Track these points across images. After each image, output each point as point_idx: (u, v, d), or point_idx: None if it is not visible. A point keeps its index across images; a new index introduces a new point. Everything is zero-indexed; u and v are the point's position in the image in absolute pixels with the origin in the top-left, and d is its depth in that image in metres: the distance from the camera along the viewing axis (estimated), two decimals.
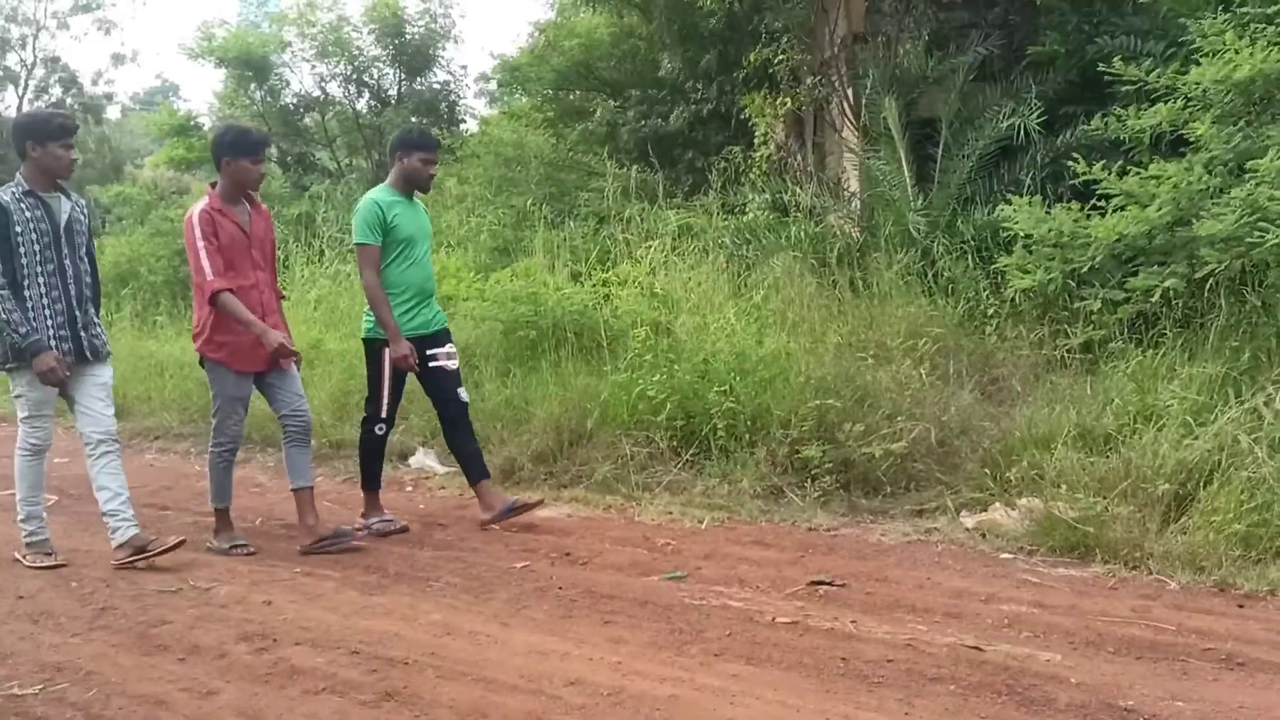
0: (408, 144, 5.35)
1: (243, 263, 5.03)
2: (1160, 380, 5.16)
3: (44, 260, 4.68)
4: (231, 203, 5.04)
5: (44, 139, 4.70)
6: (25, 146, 4.71)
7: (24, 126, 4.83)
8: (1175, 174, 5.32)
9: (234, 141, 5.06)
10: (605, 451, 6.21)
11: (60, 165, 4.76)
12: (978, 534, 4.78)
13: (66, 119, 4.90)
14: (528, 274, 8.29)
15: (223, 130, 5.40)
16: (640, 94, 13.07)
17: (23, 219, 4.63)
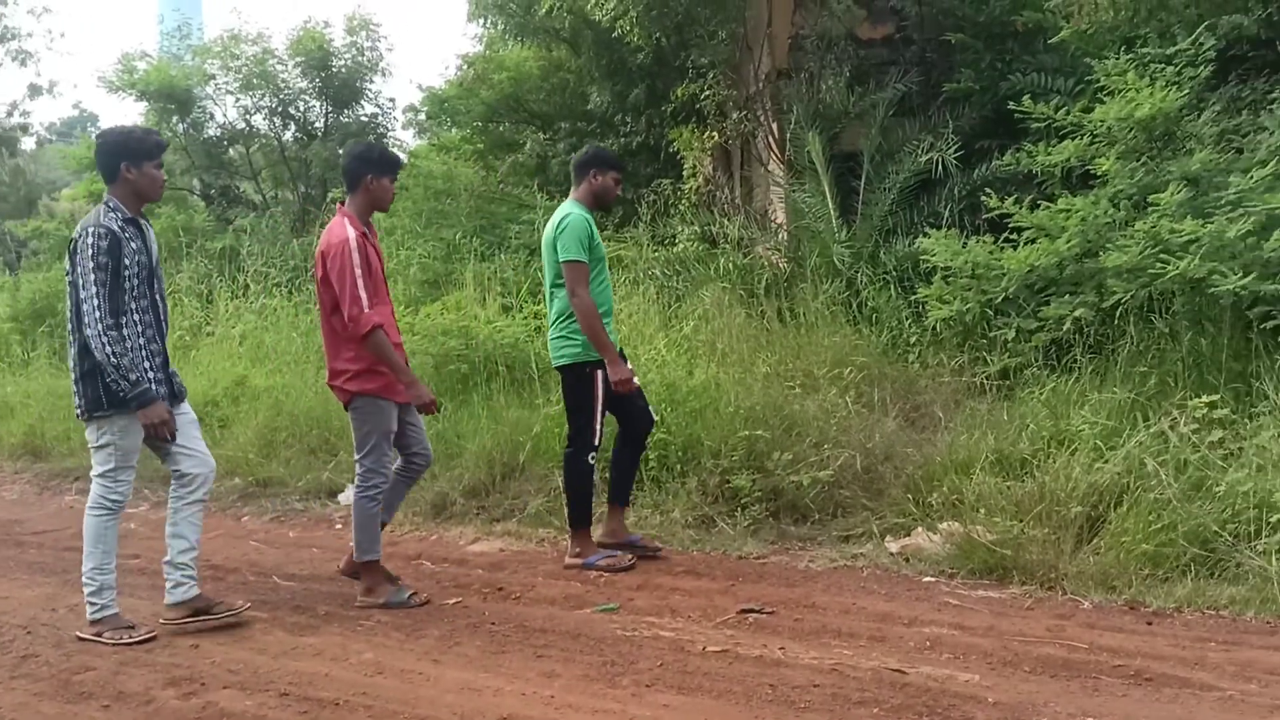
0: (603, 161, 5.09)
1: (381, 291, 4.63)
2: (1073, 406, 5.36)
3: (139, 295, 4.22)
4: (365, 225, 4.63)
5: (140, 158, 4.25)
6: (119, 167, 4.23)
7: (119, 145, 4.30)
8: (1083, 207, 5.55)
9: (380, 159, 4.67)
10: (537, 484, 6.24)
11: (155, 188, 4.34)
12: (901, 558, 4.90)
13: (160, 136, 4.47)
14: (458, 307, 8.30)
15: (365, 147, 4.85)
16: (570, 126, 13.21)
17: (129, 250, 4.17)
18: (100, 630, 4.27)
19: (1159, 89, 5.63)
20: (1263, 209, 4.96)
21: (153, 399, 4.18)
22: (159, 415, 4.19)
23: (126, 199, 4.27)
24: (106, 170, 4.28)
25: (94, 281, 4.07)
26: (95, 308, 4.07)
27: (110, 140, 4.36)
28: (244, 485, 7.37)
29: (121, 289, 4.15)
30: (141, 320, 4.24)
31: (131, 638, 4.23)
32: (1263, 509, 4.20)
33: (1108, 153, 5.92)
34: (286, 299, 10.26)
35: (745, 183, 11.00)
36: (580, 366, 5.02)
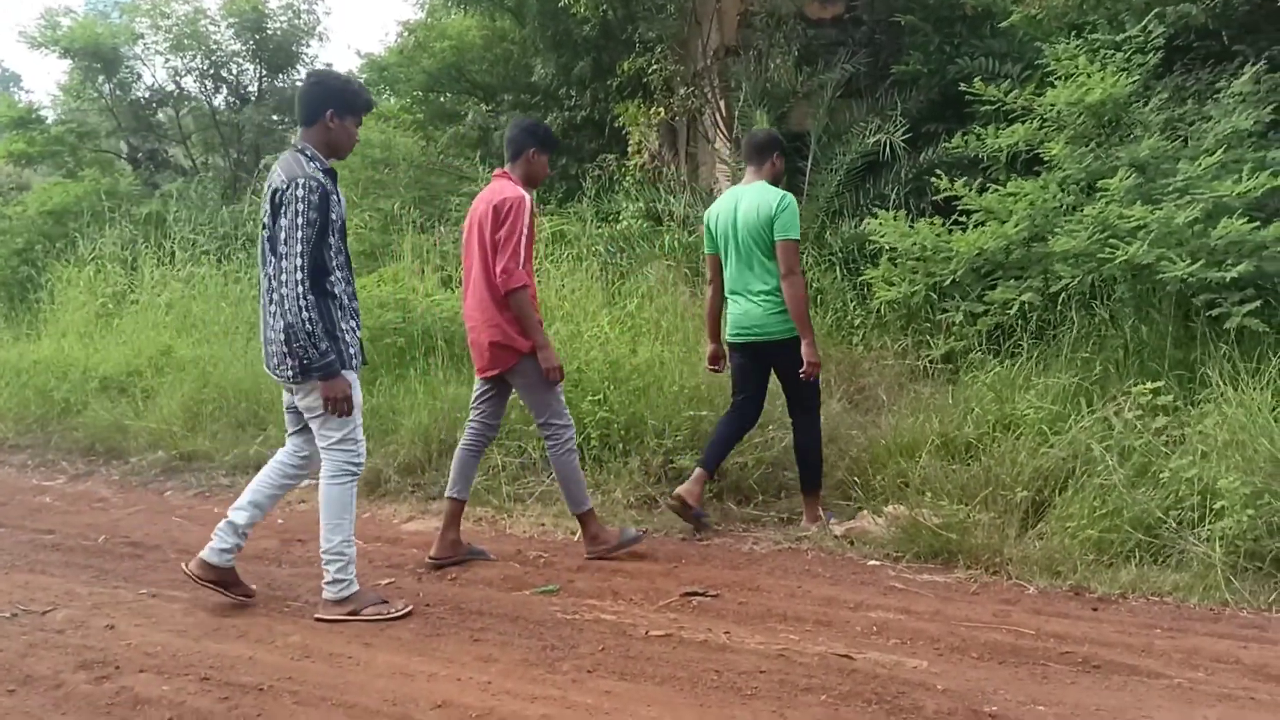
0: (780, 145, 5.18)
1: (530, 263, 4.61)
2: (1018, 390, 5.34)
3: (338, 251, 3.95)
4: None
5: (346, 111, 3.99)
6: (324, 113, 3.94)
7: (333, 91, 3.99)
8: (1032, 191, 5.52)
9: (546, 136, 4.78)
10: None
11: (348, 145, 4.06)
12: (846, 541, 4.84)
13: (371, 98, 4.23)
14: (395, 279, 8.06)
15: (533, 123, 4.91)
16: (513, 98, 12.94)
17: (333, 202, 3.88)
18: (355, 608, 4.02)
19: (1110, 74, 5.61)
20: (1210, 197, 4.96)
21: (336, 373, 3.89)
22: (342, 390, 3.91)
23: (320, 148, 3.98)
24: (309, 112, 3.96)
25: (300, 239, 3.75)
26: (297, 268, 3.75)
27: (325, 83, 4.08)
28: (168, 459, 7.09)
29: (327, 245, 3.88)
30: (343, 278, 3.99)
31: (391, 613, 4.03)
32: (1206, 495, 4.20)
33: (1057, 137, 5.90)
34: (215, 267, 9.91)
35: (691, 160, 10.87)
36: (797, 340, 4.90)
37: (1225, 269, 4.74)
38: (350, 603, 4.05)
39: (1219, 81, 6.44)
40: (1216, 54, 6.76)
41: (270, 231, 3.84)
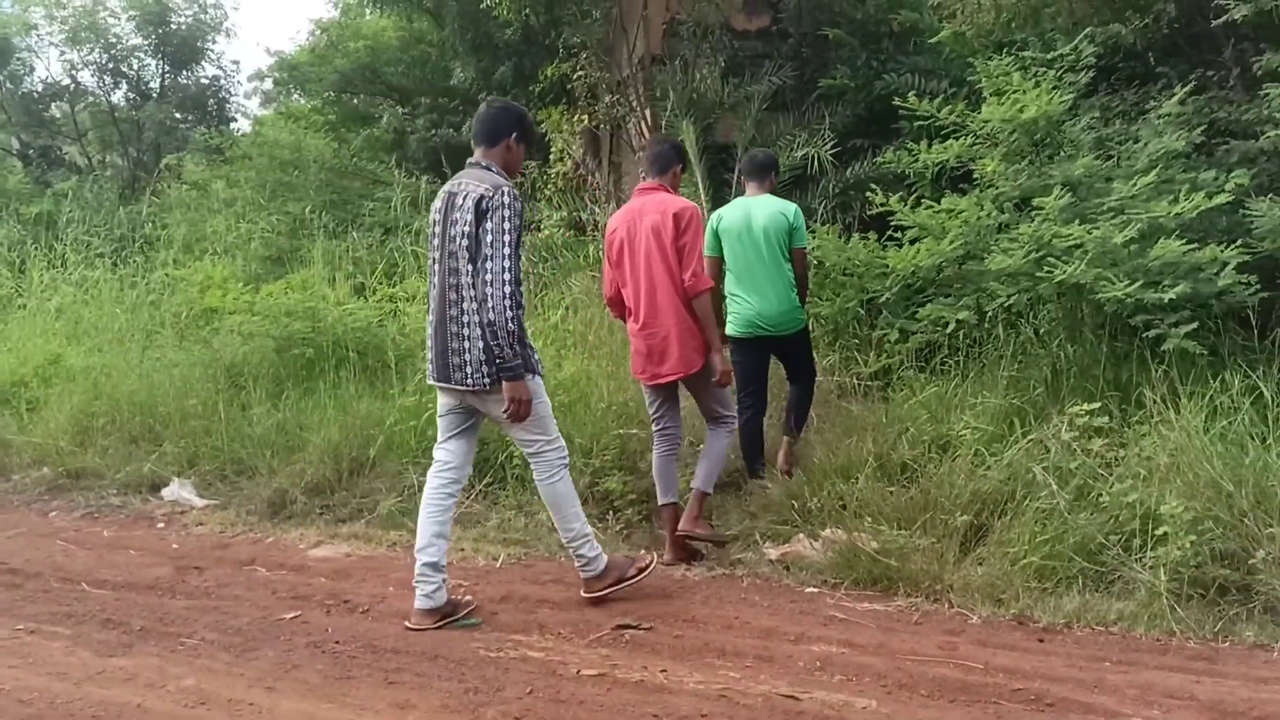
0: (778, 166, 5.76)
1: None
2: (952, 410, 5.22)
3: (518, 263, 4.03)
4: None
5: (525, 137, 4.21)
6: (509, 136, 4.14)
7: (518, 118, 4.22)
8: (967, 209, 5.42)
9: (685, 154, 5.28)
10: (389, 482, 5.74)
11: (518, 167, 4.38)
12: (782, 566, 4.65)
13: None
14: (304, 286, 7.67)
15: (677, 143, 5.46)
16: (431, 102, 12.60)
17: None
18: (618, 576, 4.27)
19: (1045, 91, 5.56)
20: (1146, 217, 4.92)
21: (522, 376, 3.99)
22: (526, 393, 4.01)
23: (501, 166, 4.12)
24: (493, 133, 4.12)
25: (508, 244, 3.87)
26: (504, 269, 3.86)
27: (511, 110, 4.28)
28: (53, 476, 6.59)
29: (516, 257, 3.97)
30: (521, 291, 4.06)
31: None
32: (1148, 520, 4.11)
33: (990, 154, 5.83)
34: (110, 271, 9.35)
35: (615, 169, 10.65)
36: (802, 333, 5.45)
37: (1162, 290, 4.68)
38: (610, 573, 4.25)
39: (1144, 103, 6.48)
40: (1141, 75, 6.81)
41: (468, 239, 3.89)
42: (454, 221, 3.93)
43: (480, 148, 4.13)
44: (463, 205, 3.92)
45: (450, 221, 3.95)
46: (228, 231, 10.06)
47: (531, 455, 4.18)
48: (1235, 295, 4.77)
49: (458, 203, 3.96)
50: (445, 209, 4.00)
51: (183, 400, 6.86)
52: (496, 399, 3.99)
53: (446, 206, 4.00)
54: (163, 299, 8.70)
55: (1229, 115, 6.02)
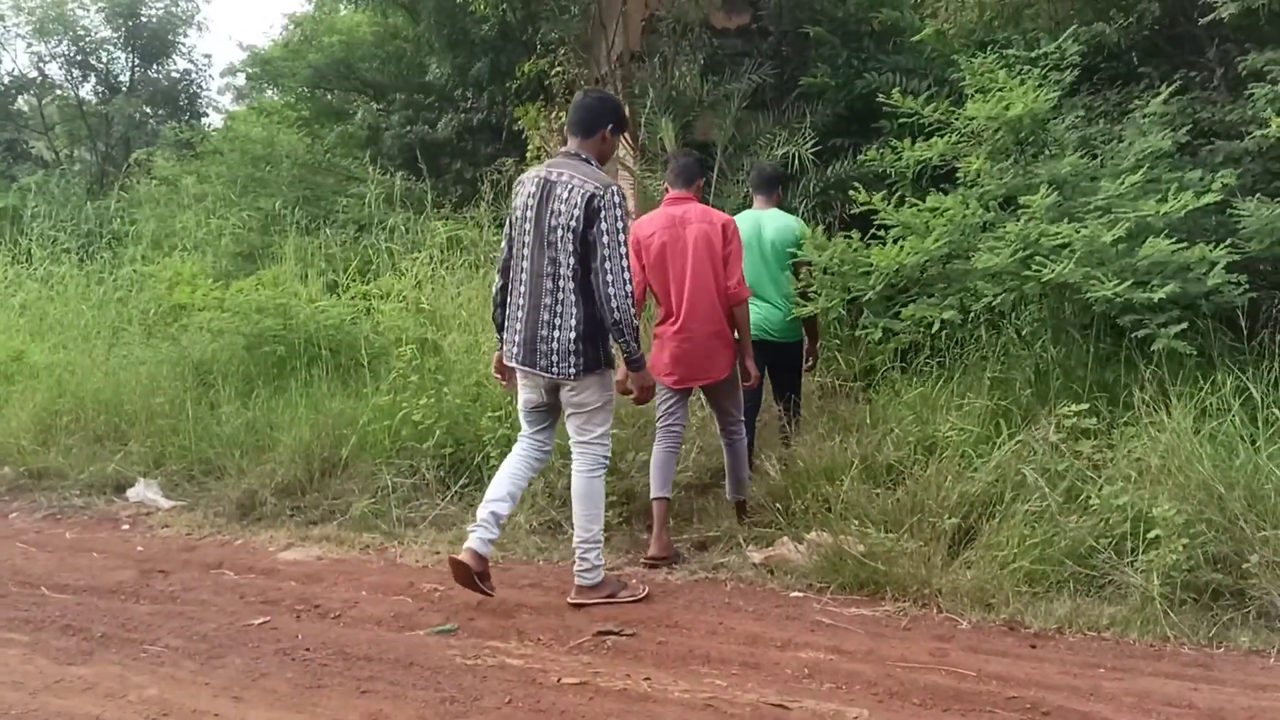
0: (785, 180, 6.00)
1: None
2: (938, 411, 5.14)
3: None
4: None
5: (620, 128, 4.30)
6: (605, 127, 4.20)
7: (613, 109, 4.31)
8: (953, 207, 5.34)
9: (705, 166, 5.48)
10: (362, 483, 5.60)
11: (610, 158, 4.45)
12: (766, 570, 4.55)
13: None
14: (276, 283, 7.49)
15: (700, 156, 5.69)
16: (406, 98, 12.41)
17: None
18: (612, 592, 4.19)
19: (1030, 89, 5.49)
20: (1134, 216, 4.85)
21: (644, 365, 4.25)
22: (651, 380, 4.33)
23: (595, 158, 4.18)
24: (591, 124, 4.15)
25: (621, 243, 3.98)
26: (623, 268, 3.97)
27: (607, 101, 4.35)
28: (14, 476, 6.40)
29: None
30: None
31: (636, 595, 4.23)
32: (1139, 523, 4.04)
33: (975, 152, 5.76)
34: (76, 267, 9.13)
35: None
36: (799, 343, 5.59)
37: (1151, 290, 4.62)
38: (604, 587, 4.18)
39: (1127, 103, 6.45)
40: (1123, 75, 6.77)
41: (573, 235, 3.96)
42: (555, 212, 3.98)
43: (576, 138, 4.15)
44: (567, 198, 3.97)
45: (550, 211, 3.99)
46: (198, 227, 9.84)
47: (582, 445, 4.20)
48: (1224, 295, 4.71)
49: (558, 193, 3.99)
50: (541, 195, 4.02)
51: (149, 398, 6.68)
52: (575, 387, 4.10)
53: (542, 193, 4.02)
54: (130, 295, 8.50)
55: (1213, 115, 5.99)
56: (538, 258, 4.03)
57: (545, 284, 4.01)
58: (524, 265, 4.07)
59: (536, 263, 4.03)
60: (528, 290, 4.07)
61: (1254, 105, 5.55)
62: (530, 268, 4.05)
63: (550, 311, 4.02)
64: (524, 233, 4.07)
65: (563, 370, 4.05)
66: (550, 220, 3.99)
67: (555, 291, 4.01)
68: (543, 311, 4.03)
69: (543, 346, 4.04)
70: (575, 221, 3.94)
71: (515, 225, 4.14)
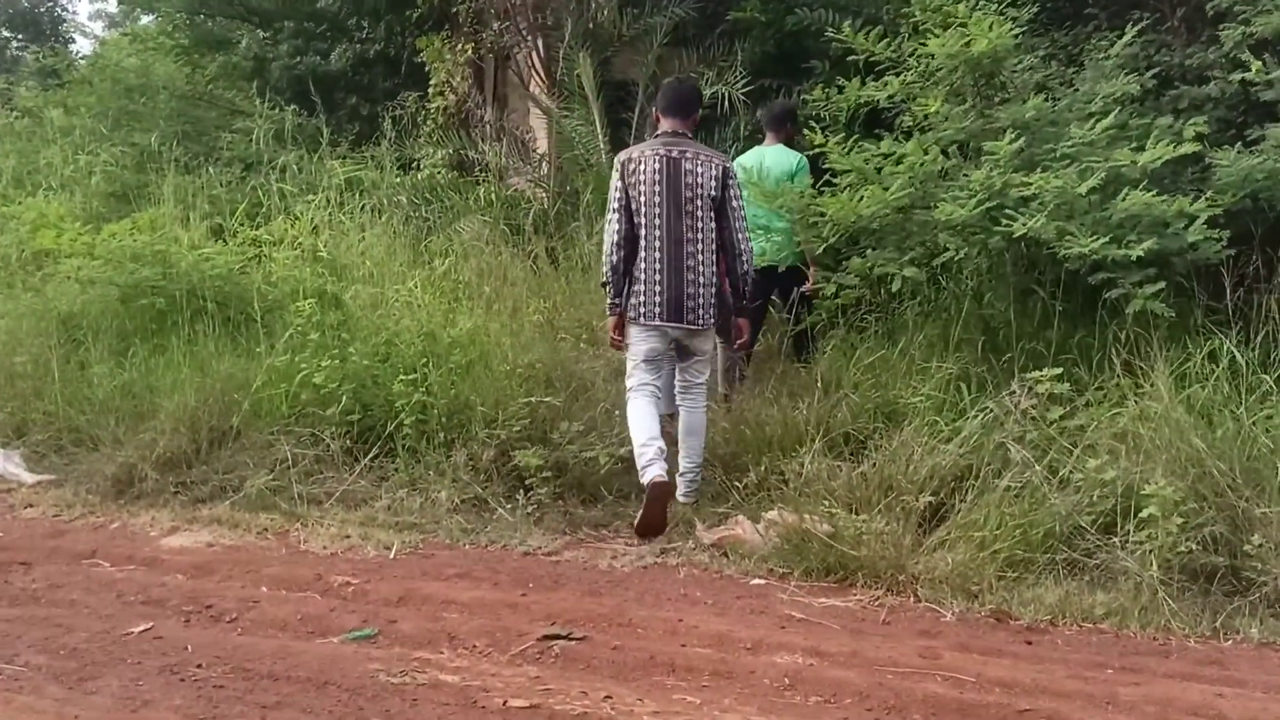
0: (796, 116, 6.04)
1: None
2: (898, 375, 4.77)
3: None
4: None
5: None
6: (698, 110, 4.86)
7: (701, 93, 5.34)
8: (912, 152, 4.92)
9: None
10: (258, 455, 4.96)
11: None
12: (719, 552, 4.12)
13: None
14: (154, 227, 6.70)
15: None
16: (295, 27, 11.46)
17: None
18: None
19: (996, 24, 5.08)
20: (1108, 165, 4.51)
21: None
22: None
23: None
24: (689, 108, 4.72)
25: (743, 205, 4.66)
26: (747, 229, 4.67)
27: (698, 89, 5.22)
28: None
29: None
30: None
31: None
32: (1128, 499, 3.73)
33: (932, 93, 5.35)
34: None
35: (501, 103, 9.84)
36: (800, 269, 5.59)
37: (1128, 246, 4.29)
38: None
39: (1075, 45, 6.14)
40: (1070, 17, 6.45)
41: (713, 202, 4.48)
42: (689, 185, 4.44)
43: (675, 119, 4.60)
44: (701, 171, 4.46)
45: (685, 185, 4.43)
46: (64, 164, 8.89)
47: (697, 386, 4.63)
48: (1202, 252, 4.42)
49: (688, 167, 4.45)
50: (669, 170, 4.44)
51: (9, 357, 5.93)
52: (705, 335, 4.63)
53: (670, 169, 4.44)
54: None
55: (1170, 59, 5.70)
56: (675, 225, 4.43)
57: (689, 248, 4.44)
58: (658, 234, 4.43)
59: (675, 230, 4.43)
60: (667, 255, 4.44)
61: (1222, 47, 5.27)
62: (667, 235, 4.43)
63: (694, 271, 4.45)
64: (654, 205, 4.43)
65: (706, 320, 4.53)
66: (686, 192, 4.43)
67: (697, 254, 4.45)
68: (686, 273, 4.44)
69: (690, 303, 4.46)
70: (714, 191, 4.46)
71: (642, 198, 4.44)
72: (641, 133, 8.30)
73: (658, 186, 4.43)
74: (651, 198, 4.44)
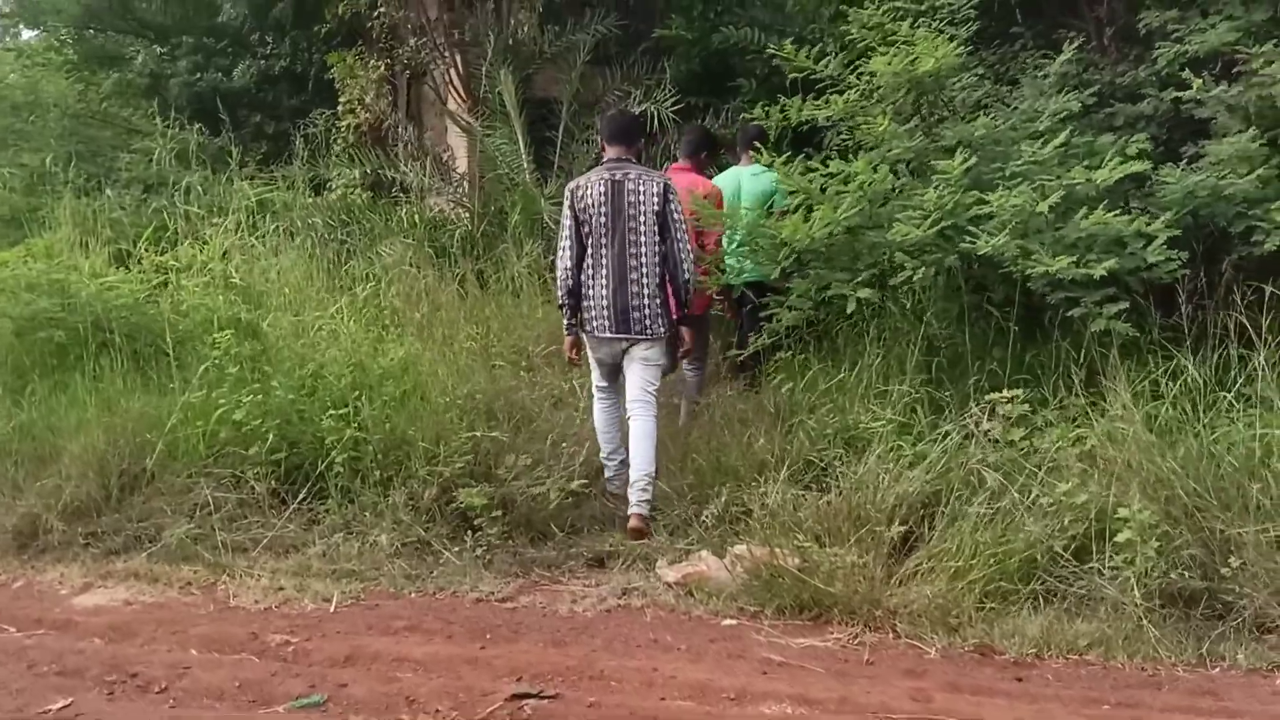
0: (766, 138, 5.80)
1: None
2: (856, 400, 4.64)
3: None
4: None
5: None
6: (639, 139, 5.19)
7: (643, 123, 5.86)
8: (862, 172, 4.82)
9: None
10: (176, 500, 4.59)
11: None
12: (685, 591, 3.92)
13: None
14: (50, 254, 6.23)
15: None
16: (194, 42, 10.99)
17: None
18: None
19: (942, 43, 5.03)
20: (1063, 184, 4.47)
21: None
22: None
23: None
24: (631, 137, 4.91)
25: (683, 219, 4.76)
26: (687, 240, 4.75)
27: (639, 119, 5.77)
28: None
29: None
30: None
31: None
32: (1103, 521, 3.65)
33: (876, 111, 5.26)
34: None
35: (417, 122, 9.53)
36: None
37: (1089, 265, 4.24)
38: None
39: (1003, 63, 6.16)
40: (999, 34, 6.48)
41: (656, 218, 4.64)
42: (632, 204, 4.63)
43: (619, 146, 4.79)
44: (641, 191, 4.64)
45: (628, 204, 4.63)
46: None
47: (647, 394, 4.65)
48: (1157, 271, 4.39)
49: (630, 187, 4.64)
50: (613, 192, 4.64)
51: None
52: (651, 344, 4.68)
53: (614, 190, 4.64)
54: None
55: (1101, 78, 5.74)
56: (619, 243, 4.61)
57: (631, 263, 4.61)
58: (604, 252, 4.63)
59: (620, 248, 4.61)
60: (613, 271, 4.62)
61: (1155, 65, 5.31)
62: (612, 252, 4.62)
63: (638, 285, 4.61)
64: (601, 225, 4.63)
65: (654, 330, 4.64)
66: (629, 211, 4.63)
67: (640, 268, 4.61)
68: (631, 285, 4.61)
69: (635, 314, 4.61)
70: (657, 204, 4.62)
71: (589, 221, 4.65)
72: (567, 150, 8.13)
73: (604, 207, 4.63)
74: (599, 219, 4.64)
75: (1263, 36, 4.91)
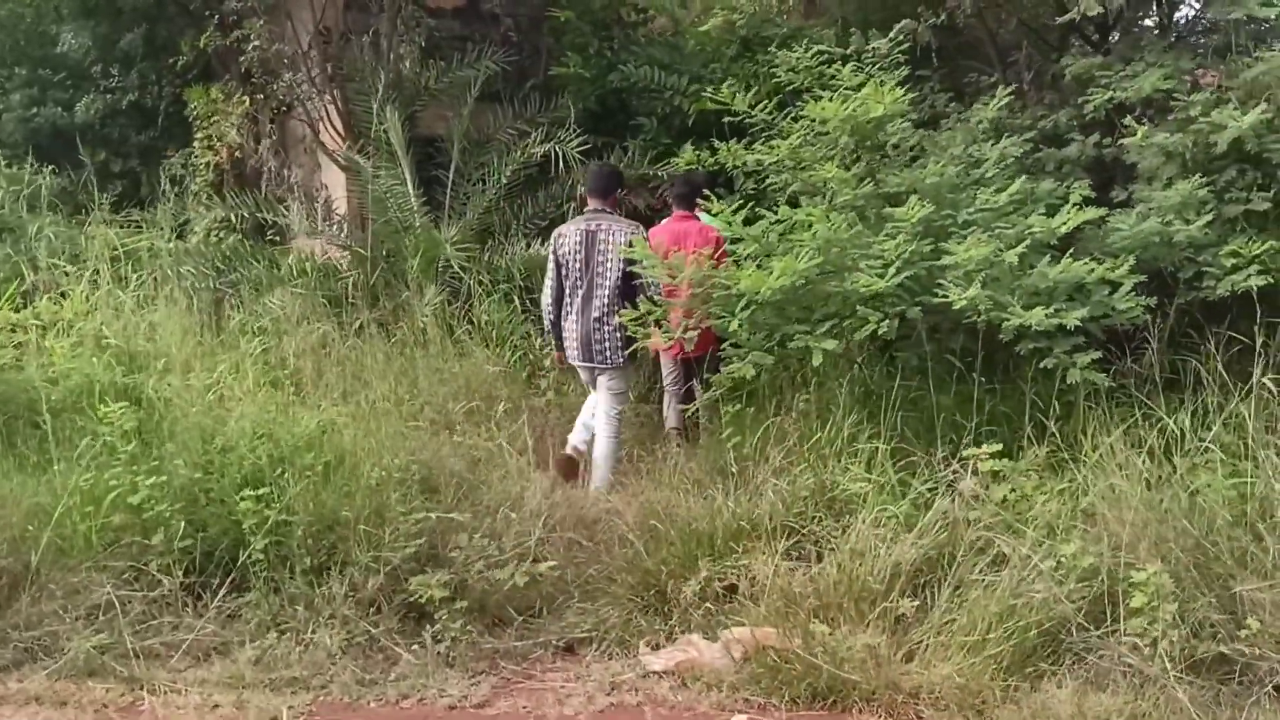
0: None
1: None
2: (829, 457, 4.42)
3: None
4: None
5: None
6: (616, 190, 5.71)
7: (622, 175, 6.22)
8: (818, 222, 4.63)
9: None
10: (70, 602, 3.91)
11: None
12: (679, 682, 3.58)
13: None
14: None
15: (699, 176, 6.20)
16: (28, 74, 10.05)
17: None
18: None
19: (889, 90, 4.91)
20: (1028, 232, 4.39)
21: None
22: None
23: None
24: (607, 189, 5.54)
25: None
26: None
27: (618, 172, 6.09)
28: None
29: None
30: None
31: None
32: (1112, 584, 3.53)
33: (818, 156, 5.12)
34: None
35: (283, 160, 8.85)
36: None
37: (1059, 314, 4.17)
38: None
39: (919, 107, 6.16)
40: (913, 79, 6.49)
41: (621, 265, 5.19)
42: (601, 251, 5.25)
43: (597, 198, 5.43)
44: (610, 240, 5.23)
45: (598, 250, 5.25)
46: None
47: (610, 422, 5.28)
48: (1115, 318, 4.37)
49: (601, 236, 5.26)
50: (587, 240, 5.29)
51: None
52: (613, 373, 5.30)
53: (587, 239, 5.29)
54: None
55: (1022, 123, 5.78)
56: (588, 283, 5.26)
57: (594, 301, 5.24)
58: (578, 292, 5.28)
59: (587, 287, 5.26)
60: (581, 308, 5.27)
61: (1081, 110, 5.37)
62: (584, 293, 5.26)
63: (599, 321, 5.23)
64: (575, 269, 5.29)
65: (614, 361, 5.24)
66: (598, 256, 5.24)
67: (604, 306, 5.21)
68: (594, 321, 5.24)
69: (597, 346, 5.25)
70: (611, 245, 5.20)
71: (566, 264, 5.32)
72: (458, 190, 7.71)
73: (579, 252, 5.28)
74: (573, 263, 5.29)
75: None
